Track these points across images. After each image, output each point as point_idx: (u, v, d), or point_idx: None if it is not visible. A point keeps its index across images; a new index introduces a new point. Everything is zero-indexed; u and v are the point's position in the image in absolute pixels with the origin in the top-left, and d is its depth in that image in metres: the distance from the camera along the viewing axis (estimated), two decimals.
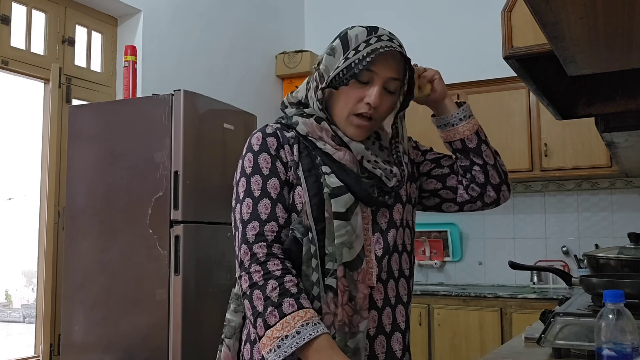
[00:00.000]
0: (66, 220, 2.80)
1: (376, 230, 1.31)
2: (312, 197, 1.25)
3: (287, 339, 1.14)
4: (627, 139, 2.06)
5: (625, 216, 3.90)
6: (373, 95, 1.26)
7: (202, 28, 3.83)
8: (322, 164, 1.28)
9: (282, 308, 1.16)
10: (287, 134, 1.31)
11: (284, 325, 1.15)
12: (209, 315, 2.64)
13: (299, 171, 1.28)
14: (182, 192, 2.54)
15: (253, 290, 1.20)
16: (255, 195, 1.26)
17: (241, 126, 3.00)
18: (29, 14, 3.01)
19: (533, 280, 3.96)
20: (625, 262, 1.77)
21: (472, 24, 4.30)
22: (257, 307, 1.18)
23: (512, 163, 3.86)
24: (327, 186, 1.25)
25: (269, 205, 1.25)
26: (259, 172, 1.28)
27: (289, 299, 1.17)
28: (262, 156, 1.28)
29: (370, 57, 1.23)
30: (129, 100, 2.92)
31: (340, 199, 1.25)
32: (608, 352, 0.98)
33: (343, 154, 1.29)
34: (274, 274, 1.20)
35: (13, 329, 3.39)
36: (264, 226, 1.24)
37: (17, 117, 3.13)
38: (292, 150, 1.29)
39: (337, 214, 1.24)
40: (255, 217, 1.25)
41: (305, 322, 1.15)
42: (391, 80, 1.28)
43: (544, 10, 0.86)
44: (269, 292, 1.18)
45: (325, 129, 1.29)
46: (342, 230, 1.24)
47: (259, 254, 1.22)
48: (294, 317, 1.15)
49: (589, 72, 1.27)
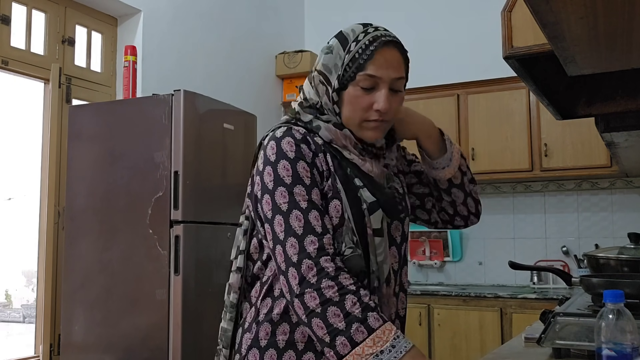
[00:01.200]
0: (66, 220, 2.80)
1: (392, 244, 1.29)
2: (354, 214, 1.20)
3: (383, 354, 1.07)
4: (627, 139, 2.06)
5: (625, 216, 3.90)
6: (382, 102, 1.22)
7: (202, 28, 3.83)
8: (355, 177, 1.25)
9: (369, 323, 1.09)
10: (314, 139, 1.24)
11: (375, 341, 1.08)
12: (209, 315, 2.64)
13: (337, 183, 1.22)
14: (182, 192, 2.54)
15: (327, 307, 1.10)
16: (303, 207, 1.17)
17: (241, 126, 3.00)
18: (29, 14, 3.01)
19: (533, 280, 3.96)
20: (625, 262, 1.77)
21: (472, 24, 4.30)
22: (336, 325, 1.09)
23: (512, 163, 3.86)
24: (365, 201, 1.22)
25: (319, 217, 1.17)
26: (300, 181, 1.19)
27: (373, 313, 1.10)
28: (300, 164, 1.20)
29: (374, 45, 1.21)
30: (129, 100, 2.92)
31: (376, 215, 1.23)
32: (608, 352, 0.98)
33: (370, 166, 1.27)
34: (350, 289, 1.11)
35: (13, 329, 3.39)
36: (322, 239, 1.15)
37: (17, 117, 3.13)
38: (326, 159, 1.24)
39: (376, 231, 1.23)
40: (311, 230, 1.15)
41: (396, 335, 1.09)
42: (396, 80, 1.25)
43: (544, 10, 0.86)
44: (350, 308, 1.10)
45: (348, 136, 1.25)
46: (381, 248, 1.23)
47: (327, 268, 1.12)
48: (383, 331, 1.09)
49: (589, 72, 1.27)
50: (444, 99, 4.06)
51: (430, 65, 4.41)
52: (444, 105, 4.05)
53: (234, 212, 2.89)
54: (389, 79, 1.23)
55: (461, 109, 4.02)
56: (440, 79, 4.19)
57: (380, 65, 1.22)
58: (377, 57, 1.22)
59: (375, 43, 1.22)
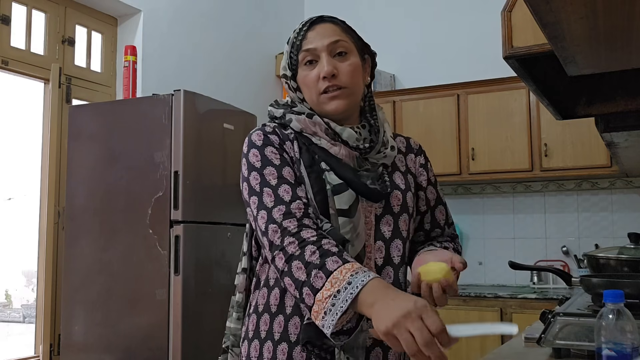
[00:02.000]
0: (66, 220, 2.80)
1: (379, 238, 1.28)
2: (315, 194, 1.23)
3: (340, 293, 1.05)
4: (627, 139, 2.06)
5: (625, 216, 3.90)
6: (324, 66, 1.26)
7: (202, 28, 3.83)
8: (321, 160, 1.27)
9: (327, 267, 1.08)
10: (285, 131, 1.30)
11: (332, 283, 1.06)
12: (209, 315, 2.64)
13: (302, 168, 1.25)
14: (182, 192, 2.54)
15: (291, 263, 1.12)
16: (273, 184, 1.21)
17: (241, 126, 3.00)
18: (29, 14, 3.01)
19: (533, 280, 3.96)
20: (625, 262, 1.77)
21: (472, 24, 4.30)
22: (300, 278, 1.10)
23: (512, 163, 3.86)
24: (329, 183, 1.24)
25: (289, 190, 1.21)
26: (270, 163, 1.24)
27: (332, 257, 1.09)
28: (268, 149, 1.26)
29: (306, 26, 1.30)
30: (129, 100, 2.92)
31: (343, 196, 1.23)
32: (608, 352, 0.98)
33: (339, 149, 1.27)
34: (310, 240, 1.13)
35: (13, 329, 3.39)
36: (289, 205, 1.18)
37: (17, 117, 3.13)
38: (293, 147, 1.28)
39: (341, 211, 1.22)
40: (280, 202, 1.19)
41: (354, 272, 1.07)
42: (334, 44, 1.28)
43: (544, 10, 0.86)
44: (309, 258, 1.10)
45: (318, 122, 1.28)
46: (347, 227, 1.22)
47: (289, 227, 1.15)
48: (340, 271, 1.07)
49: (589, 72, 1.27)
50: (444, 99, 4.06)
51: (430, 65, 4.41)
52: (444, 105, 4.05)
53: (234, 212, 2.90)
54: (324, 46, 1.28)
55: (461, 109, 4.02)
56: (440, 79, 4.19)
57: (312, 38, 1.29)
58: (309, 34, 1.30)
59: (307, 25, 1.31)
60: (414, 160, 1.42)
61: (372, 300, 1.03)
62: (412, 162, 1.41)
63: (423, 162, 1.43)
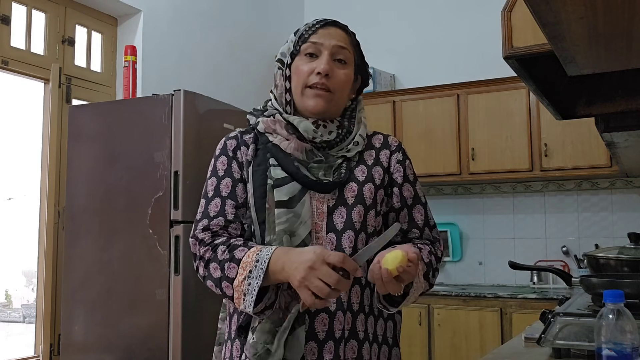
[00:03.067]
0: (66, 220, 2.80)
1: (330, 230, 1.27)
2: (256, 190, 1.29)
3: (252, 272, 1.16)
4: (627, 139, 2.06)
5: (625, 216, 3.90)
6: (323, 64, 1.29)
7: (202, 28, 3.83)
8: (271, 157, 1.31)
9: (235, 257, 1.20)
10: (247, 136, 1.37)
11: (244, 267, 1.18)
12: (209, 315, 2.64)
13: (250, 168, 1.32)
14: (182, 192, 2.54)
15: (209, 267, 1.23)
16: (209, 196, 1.33)
17: (241, 126, 2.98)
18: (29, 14, 3.01)
19: (533, 280, 3.96)
20: (625, 262, 1.77)
21: (472, 24, 4.30)
22: (217, 275, 1.21)
23: (512, 163, 3.86)
24: (272, 178, 1.28)
25: (219, 204, 1.31)
26: (215, 174, 1.35)
27: (238, 248, 1.21)
28: (220, 159, 1.36)
29: (319, 24, 1.33)
30: (129, 100, 2.92)
31: (283, 188, 1.27)
32: (608, 352, 0.98)
33: (289, 143, 1.31)
34: (220, 242, 1.24)
35: (13, 329, 3.39)
36: (210, 221, 1.29)
37: (17, 117, 3.13)
38: (248, 150, 1.34)
39: (279, 203, 1.26)
40: (205, 215, 1.31)
41: (259, 251, 1.19)
42: (339, 48, 1.32)
43: (544, 10, 0.86)
44: (221, 256, 1.22)
45: (278, 120, 1.33)
46: (283, 218, 1.25)
47: (205, 238, 1.27)
48: (248, 255, 1.19)
49: (589, 72, 1.27)
50: (444, 99, 4.05)
51: (430, 65, 4.41)
52: (444, 105, 4.04)
53: None
54: (331, 46, 1.31)
55: (461, 109, 4.02)
56: (440, 79, 4.19)
57: (322, 34, 1.32)
58: (320, 30, 1.33)
59: (321, 22, 1.34)
60: (389, 157, 1.38)
61: (280, 267, 1.15)
62: (385, 157, 1.38)
63: (401, 159, 1.39)
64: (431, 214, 1.43)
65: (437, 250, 1.38)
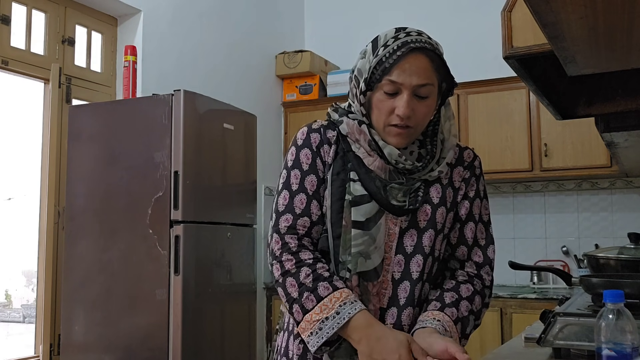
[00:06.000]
0: (66, 220, 2.80)
1: (399, 252, 1.27)
2: (333, 203, 1.26)
3: (328, 320, 1.17)
4: (627, 139, 2.06)
5: (625, 216, 3.90)
6: (402, 107, 1.22)
7: (202, 28, 3.83)
8: (352, 169, 1.27)
9: (318, 292, 1.19)
10: (330, 133, 1.32)
11: (322, 308, 1.18)
12: (209, 315, 2.64)
13: (329, 174, 1.29)
14: (182, 192, 2.54)
15: (286, 278, 1.22)
16: (293, 189, 1.29)
17: (241, 126, 3.00)
18: (29, 14, 3.01)
19: (533, 280, 3.96)
20: (625, 262, 1.77)
21: (472, 24, 4.30)
22: (292, 294, 1.21)
23: (512, 163, 3.86)
24: (350, 193, 1.25)
25: (304, 200, 1.28)
26: (299, 166, 1.30)
27: (323, 282, 1.20)
28: (303, 151, 1.31)
29: (401, 50, 1.21)
30: (129, 100, 2.92)
31: (361, 208, 1.24)
32: (608, 352, 0.98)
33: (373, 160, 1.27)
34: (306, 262, 1.23)
35: (13, 329, 3.39)
36: (297, 220, 1.26)
37: (17, 117, 3.13)
38: (330, 150, 1.31)
39: (356, 223, 1.23)
40: (290, 209, 1.27)
41: (342, 302, 1.18)
42: (419, 87, 1.23)
43: (544, 10, 0.86)
44: (303, 279, 1.21)
45: (364, 132, 1.27)
46: (359, 240, 1.23)
47: (290, 244, 1.25)
48: (330, 299, 1.18)
49: (589, 72, 1.27)
50: None
51: None
52: None
53: (234, 212, 2.90)
54: (411, 86, 1.22)
55: (461, 109, 4.02)
56: None
57: (403, 70, 1.22)
58: (402, 63, 1.22)
59: (402, 49, 1.22)
60: (461, 174, 1.35)
61: (357, 338, 1.16)
62: (458, 175, 1.35)
63: (467, 177, 1.36)
64: (487, 236, 1.36)
65: (477, 286, 1.35)
